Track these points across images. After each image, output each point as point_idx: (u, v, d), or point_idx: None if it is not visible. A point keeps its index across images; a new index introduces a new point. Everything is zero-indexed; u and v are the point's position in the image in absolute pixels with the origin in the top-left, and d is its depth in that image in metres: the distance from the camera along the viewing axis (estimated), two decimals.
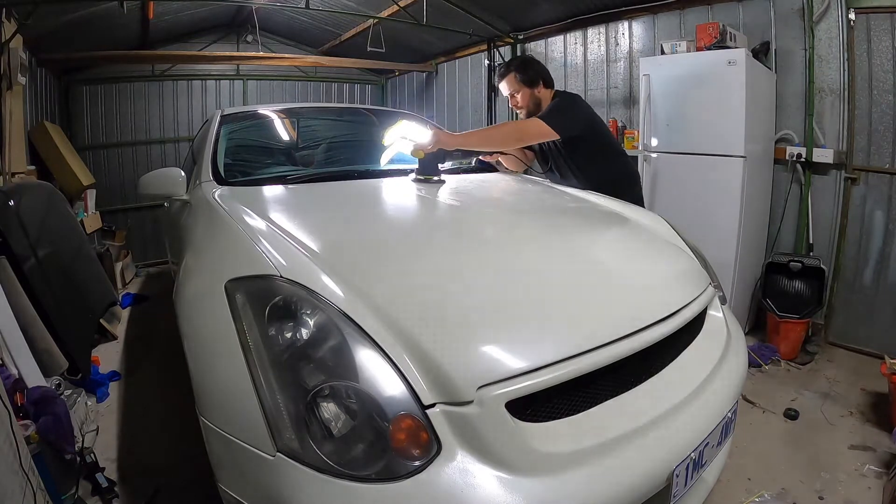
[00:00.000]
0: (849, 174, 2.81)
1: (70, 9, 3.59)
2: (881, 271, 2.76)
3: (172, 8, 4.45)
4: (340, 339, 0.92)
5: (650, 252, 1.50)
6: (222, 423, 0.94)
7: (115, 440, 2.10)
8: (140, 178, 1.87)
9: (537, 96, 2.16)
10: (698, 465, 1.05)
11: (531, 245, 1.37)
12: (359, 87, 6.81)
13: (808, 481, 1.77)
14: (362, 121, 2.89)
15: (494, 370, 0.89)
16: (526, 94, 2.15)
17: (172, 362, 2.48)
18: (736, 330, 1.43)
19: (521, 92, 2.15)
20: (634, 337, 1.05)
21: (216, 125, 2.22)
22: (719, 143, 2.73)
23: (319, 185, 1.84)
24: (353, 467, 0.82)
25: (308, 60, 5.54)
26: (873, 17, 2.65)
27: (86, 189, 4.20)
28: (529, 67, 2.17)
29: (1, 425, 1.21)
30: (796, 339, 2.80)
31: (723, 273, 2.46)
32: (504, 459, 0.84)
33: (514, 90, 2.16)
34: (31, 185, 2.90)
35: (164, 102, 5.52)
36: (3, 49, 2.92)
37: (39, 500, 1.30)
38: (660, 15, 3.59)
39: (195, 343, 1.08)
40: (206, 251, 1.35)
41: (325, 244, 1.20)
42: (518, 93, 2.16)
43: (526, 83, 2.14)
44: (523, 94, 2.15)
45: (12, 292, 2.07)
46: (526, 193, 1.97)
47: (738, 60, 2.62)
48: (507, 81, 2.18)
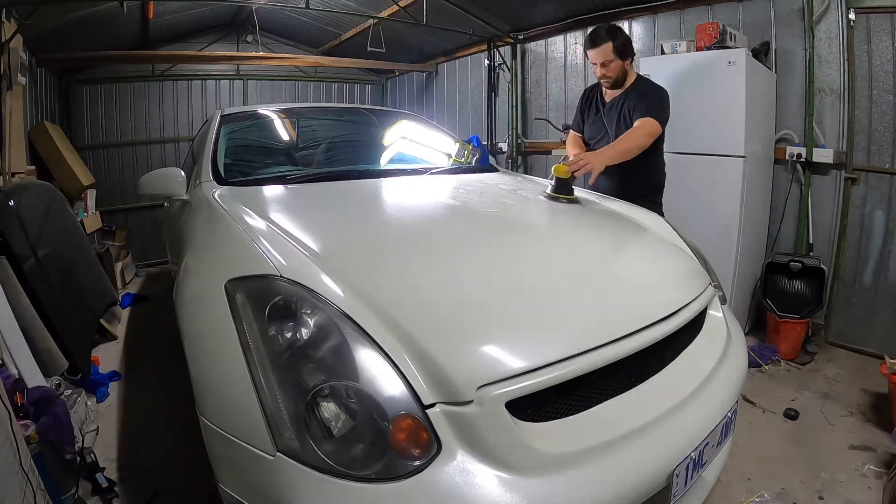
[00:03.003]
0: (849, 174, 2.81)
1: (70, 9, 3.58)
2: (881, 271, 2.76)
3: (172, 8, 4.45)
4: (340, 338, 0.92)
5: (650, 252, 1.50)
6: (222, 423, 0.94)
7: (115, 440, 2.10)
8: (140, 178, 1.87)
9: (626, 69, 2.19)
10: (698, 465, 1.05)
11: (532, 245, 1.37)
12: (359, 87, 6.81)
13: (808, 481, 1.76)
14: (362, 121, 2.89)
15: (494, 370, 0.89)
16: (617, 66, 2.16)
17: (172, 362, 2.49)
18: (736, 330, 1.43)
19: (613, 63, 2.15)
20: (634, 337, 1.05)
21: (216, 125, 2.22)
22: (719, 143, 2.72)
23: (319, 185, 1.84)
24: (354, 467, 0.82)
25: (308, 60, 5.54)
26: (873, 17, 2.65)
27: (86, 189, 4.20)
28: (622, 38, 2.16)
29: (1, 425, 1.21)
30: (796, 339, 2.80)
31: (723, 273, 2.46)
32: (504, 459, 0.84)
33: (608, 60, 2.15)
34: (31, 185, 2.90)
35: (164, 102, 5.51)
36: (3, 49, 2.92)
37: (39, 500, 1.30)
38: (660, 15, 3.59)
39: (195, 343, 1.08)
40: (206, 251, 1.35)
41: (326, 244, 1.20)
42: (611, 63, 2.15)
43: (620, 55, 2.14)
44: (615, 65, 2.16)
45: (12, 292, 2.07)
46: (526, 193, 1.96)
47: (738, 60, 2.62)
48: (601, 50, 2.14)
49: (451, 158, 2.30)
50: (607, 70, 2.18)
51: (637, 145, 2.07)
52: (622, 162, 2.06)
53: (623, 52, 2.15)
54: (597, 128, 2.38)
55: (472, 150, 2.31)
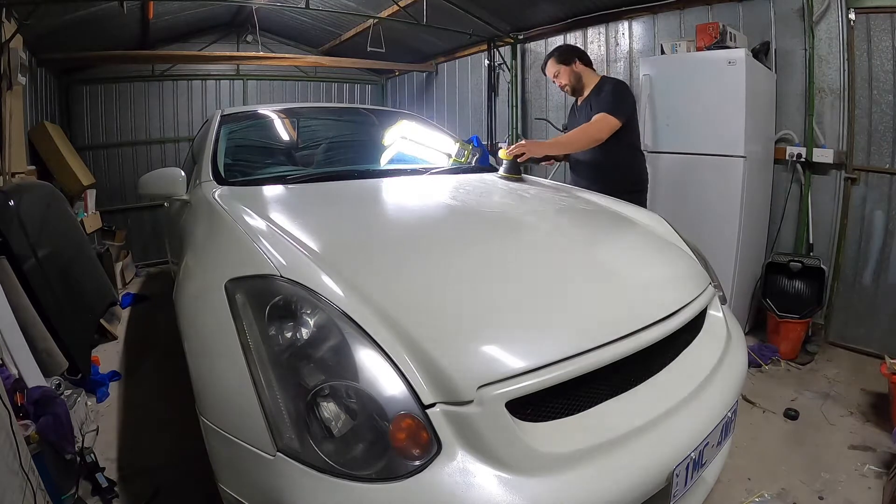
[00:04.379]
0: (849, 174, 2.81)
1: (70, 9, 3.58)
2: (881, 271, 2.76)
3: (172, 8, 4.45)
4: (340, 338, 0.92)
5: (650, 252, 1.50)
6: (222, 422, 0.94)
7: (115, 440, 2.10)
8: (140, 178, 1.87)
9: (576, 72, 2.40)
10: (698, 465, 1.05)
11: (532, 245, 1.37)
12: (359, 87, 6.81)
13: (808, 481, 1.76)
14: (362, 121, 2.89)
15: (495, 370, 0.89)
16: (566, 72, 2.40)
17: (172, 362, 2.49)
18: (736, 330, 1.43)
19: (560, 71, 2.41)
20: (634, 337, 1.05)
21: (216, 125, 2.22)
22: (719, 143, 2.72)
23: (319, 185, 1.84)
24: (354, 467, 0.82)
25: (308, 60, 5.54)
26: (873, 17, 2.65)
27: (86, 189, 4.20)
28: (564, 50, 2.46)
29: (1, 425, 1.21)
30: (796, 339, 2.80)
31: (723, 273, 2.47)
32: (504, 459, 0.84)
33: (555, 72, 2.43)
34: (31, 185, 2.90)
35: (164, 102, 5.51)
36: (3, 49, 2.91)
37: (39, 500, 1.30)
38: (660, 15, 3.59)
39: (195, 343, 1.08)
40: (206, 251, 1.35)
41: (326, 244, 1.20)
42: (559, 73, 2.42)
43: (563, 62, 2.40)
44: (563, 72, 2.41)
45: (12, 292, 2.07)
46: (526, 193, 1.96)
47: (738, 60, 2.62)
48: (548, 68, 2.46)
49: (451, 158, 2.31)
50: (560, 80, 2.44)
51: (583, 138, 2.24)
52: (589, 158, 2.31)
53: (566, 59, 2.39)
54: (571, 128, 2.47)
55: (472, 150, 2.32)
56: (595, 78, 2.42)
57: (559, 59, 2.40)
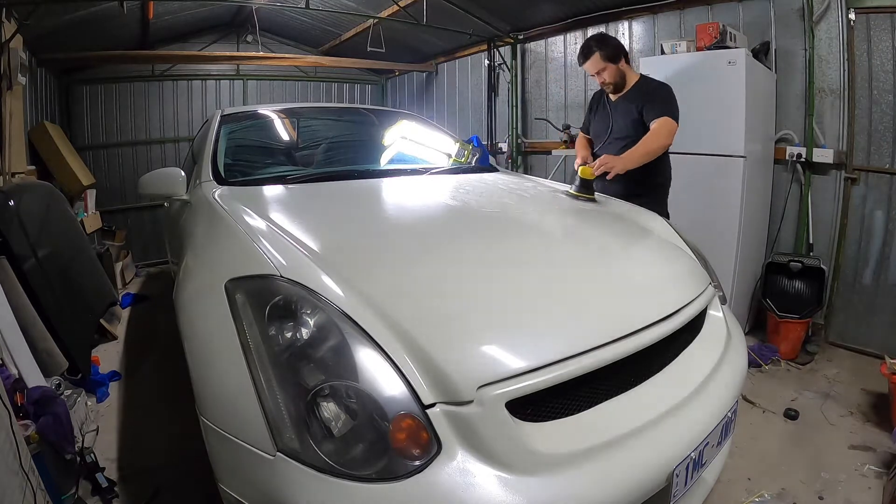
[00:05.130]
0: (849, 174, 2.81)
1: (70, 9, 3.58)
2: (881, 271, 2.76)
3: (172, 8, 4.45)
4: (340, 338, 0.92)
5: (650, 252, 1.50)
6: (222, 422, 0.94)
7: (115, 440, 2.10)
8: (140, 178, 1.87)
9: (622, 70, 2.26)
10: (698, 465, 1.05)
11: (532, 245, 1.37)
12: (359, 87, 6.82)
13: (808, 481, 1.76)
14: (362, 121, 2.89)
15: (495, 370, 0.89)
16: (612, 70, 2.25)
17: (172, 362, 2.49)
18: (736, 330, 1.43)
19: (607, 69, 2.24)
20: (634, 337, 1.05)
21: (216, 125, 2.22)
22: (719, 143, 2.73)
23: (319, 185, 1.84)
24: (354, 467, 0.82)
25: (308, 60, 5.54)
26: (873, 17, 2.65)
27: (86, 189, 4.20)
28: (609, 44, 2.25)
29: (1, 425, 1.21)
30: (796, 339, 2.80)
31: (723, 273, 2.46)
32: (504, 459, 0.84)
33: (601, 68, 2.24)
34: (31, 185, 2.90)
35: (164, 102, 5.52)
36: (3, 49, 2.92)
37: (39, 500, 1.30)
38: (660, 15, 3.59)
39: (195, 343, 1.08)
40: (206, 251, 1.35)
41: (326, 244, 1.20)
42: (605, 70, 2.24)
43: (609, 59, 2.23)
44: (609, 71, 2.24)
45: (12, 292, 2.07)
46: (526, 193, 1.97)
47: (738, 60, 2.62)
48: (592, 61, 2.25)
49: (451, 158, 2.31)
50: (603, 77, 2.27)
51: (659, 146, 2.14)
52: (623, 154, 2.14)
53: (613, 57, 2.23)
54: (601, 125, 2.41)
55: (472, 150, 2.32)
56: (635, 76, 2.32)
57: (605, 57, 2.22)
